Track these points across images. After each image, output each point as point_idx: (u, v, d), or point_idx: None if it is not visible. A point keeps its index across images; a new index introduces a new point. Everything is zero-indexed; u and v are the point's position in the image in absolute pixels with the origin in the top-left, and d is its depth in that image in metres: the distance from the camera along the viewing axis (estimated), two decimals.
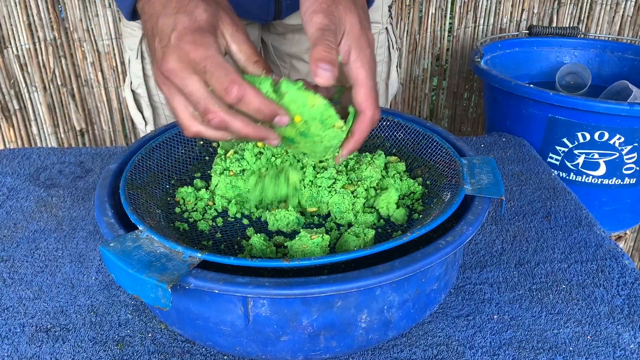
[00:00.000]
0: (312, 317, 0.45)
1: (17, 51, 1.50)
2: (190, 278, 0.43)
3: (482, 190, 0.55)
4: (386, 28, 1.00)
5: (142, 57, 0.94)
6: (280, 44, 0.99)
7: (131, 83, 0.98)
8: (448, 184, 0.59)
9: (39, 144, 1.63)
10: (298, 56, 0.99)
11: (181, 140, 0.67)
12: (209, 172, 0.65)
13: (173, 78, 0.47)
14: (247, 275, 0.44)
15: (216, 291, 0.43)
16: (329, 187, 0.58)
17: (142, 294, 0.43)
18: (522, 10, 1.72)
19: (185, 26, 0.47)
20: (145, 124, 0.99)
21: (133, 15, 0.57)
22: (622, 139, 1.19)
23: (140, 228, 0.49)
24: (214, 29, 0.49)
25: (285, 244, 0.52)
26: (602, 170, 1.25)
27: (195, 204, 0.60)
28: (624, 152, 1.21)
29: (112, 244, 0.46)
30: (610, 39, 1.70)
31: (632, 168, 1.24)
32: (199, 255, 0.45)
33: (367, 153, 0.65)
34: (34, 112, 1.59)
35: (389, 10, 1.00)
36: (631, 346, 0.56)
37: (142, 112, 0.98)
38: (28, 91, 1.55)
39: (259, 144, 0.60)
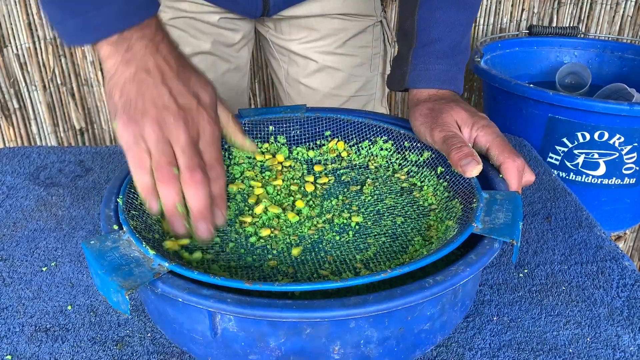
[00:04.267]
0: (280, 340, 0.44)
1: (17, 50, 1.50)
2: (158, 282, 0.43)
3: (493, 230, 0.49)
4: (380, 21, 1.01)
5: None
6: (277, 38, 1.00)
7: None
8: (460, 217, 0.54)
9: (38, 143, 1.63)
10: (293, 50, 0.99)
11: None
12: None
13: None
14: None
15: (179, 300, 0.42)
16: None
17: (108, 297, 0.43)
18: (522, 10, 1.72)
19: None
20: None
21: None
22: (622, 139, 1.19)
23: (124, 228, 0.49)
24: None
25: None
26: (601, 170, 1.25)
27: None
28: (623, 152, 1.21)
29: (92, 242, 0.47)
30: (610, 39, 1.69)
31: (631, 168, 1.24)
32: (167, 264, 0.44)
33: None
34: (33, 111, 1.58)
35: (382, 4, 1.01)
36: (631, 348, 0.56)
37: None
38: (28, 90, 1.55)
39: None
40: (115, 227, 0.50)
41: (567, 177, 1.28)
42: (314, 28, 0.95)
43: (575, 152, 1.24)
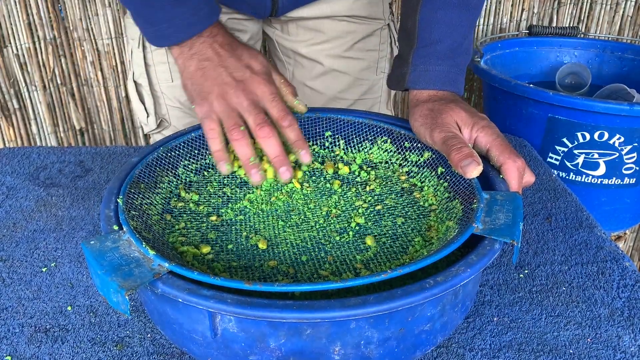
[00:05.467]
0: (280, 341, 0.44)
1: (17, 50, 1.50)
2: (158, 283, 0.43)
3: (494, 231, 0.49)
4: (388, 24, 1.00)
5: (144, 47, 0.94)
6: (284, 39, 0.99)
7: (133, 74, 0.98)
8: (460, 218, 0.54)
9: (38, 144, 1.63)
10: (300, 52, 0.99)
11: (203, 144, 0.67)
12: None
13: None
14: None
15: (179, 300, 0.42)
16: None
17: (107, 297, 0.43)
18: (522, 10, 1.71)
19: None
20: (147, 115, 0.99)
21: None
22: (622, 139, 1.19)
23: (124, 228, 0.49)
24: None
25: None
26: (601, 170, 1.25)
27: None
28: (623, 152, 1.21)
29: (92, 242, 0.47)
30: (610, 39, 1.69)
31: (631, 168, 1.24)
32: (167, 265, 0.44)
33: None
34: (33, 111, 1.58)
35: (390, 7, 1.00)
36: (631, 349, 0.56)
37: (143, 103, 0.98)
38: (28, 90, 1.55)
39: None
40: (115, 227, 0.50)
41: (567, 177, 1.28)
42: (321, 30, 0.95)
43: (575, 152, 1.24)
